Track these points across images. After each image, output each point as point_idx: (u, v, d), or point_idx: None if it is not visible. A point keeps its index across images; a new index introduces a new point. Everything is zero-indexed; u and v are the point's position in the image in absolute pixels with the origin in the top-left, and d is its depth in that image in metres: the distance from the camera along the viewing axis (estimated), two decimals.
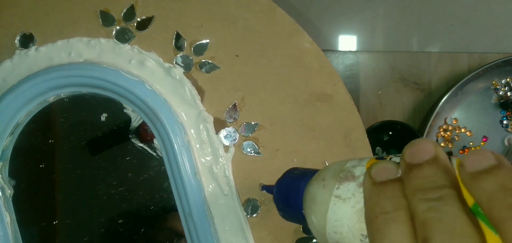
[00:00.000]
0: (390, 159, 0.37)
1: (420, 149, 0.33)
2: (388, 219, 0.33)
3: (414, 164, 0.33)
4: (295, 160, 0.68)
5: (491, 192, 0.29)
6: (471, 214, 0.30)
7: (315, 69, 0.69)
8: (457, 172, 0.32)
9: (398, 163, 0.36)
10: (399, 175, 0.35)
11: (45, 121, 0.70)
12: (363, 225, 0.36)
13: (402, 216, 0.32)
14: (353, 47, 1.12)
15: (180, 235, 0.68)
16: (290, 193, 0.51)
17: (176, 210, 0.66)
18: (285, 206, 0.54)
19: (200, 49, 0.69)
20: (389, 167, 0.36)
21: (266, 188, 0.64)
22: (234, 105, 0.69)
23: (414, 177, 0.33)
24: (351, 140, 0.69)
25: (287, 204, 0.53)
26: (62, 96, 0.68)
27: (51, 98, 0.67)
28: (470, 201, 0.31)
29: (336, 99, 0.69)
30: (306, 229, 0.67)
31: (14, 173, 0.69)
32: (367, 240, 0.37)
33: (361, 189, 0.37)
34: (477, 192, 0.30)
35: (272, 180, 0.66)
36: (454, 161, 0.33)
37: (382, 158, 0.38)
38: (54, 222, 0.71)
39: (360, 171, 0.39)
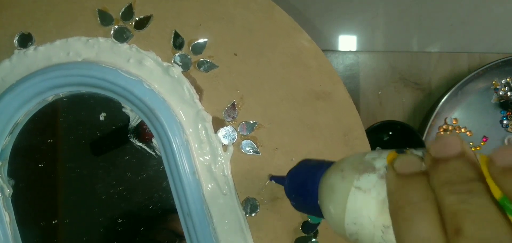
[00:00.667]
0: (411, 153, 0.38)
1: (447, 144, 0.34)
2: (416, 210, 0.33)
3: (441, 158, 0.34)
4: (294, 159, 0.69)
5: None
6: (499, 206, 0.31)
7: (314, 67, 0.70)
8: (482, 167, 0.33)
9: (421, 156, 0.37)
10: (423, 169, 0.36)
11: (44, 121, 0.71)
12: (385, 216, 0.37)
13: (430, 207, 0.33)
14: (353, 47, 1.12)
15: (181, 236, 0.69)
16: (305, 183, 0.52)
17: (176, 211, 0.67)
18: (298, 196, 0.55)
19: (198, 48, 0.70)
20: (414, 160, 0.36)
21: (276, 178, 0.65)
22: (233, 104, 0.69)
23: (442, 170, 0.33)
24: (350, 139, 0.70)
25: (302, 194, 0.54)
26: (61, 96, 0.69)
27: (50, 97, 0.68)
28: (497, 194, 0.31)
29: (335, 98, 0.70)
30: (306, 228, 0.67)
31: (13, 172, 0.70)
32: (388, 230, 0.37)
33: (382, 181, 0.38)
34: (508, 186, 0.31)
35: None
36: (478, 156, 0.34)
37: (402, 152, 0.39)
38: (54, 222, 0.71)
39: (380, 163, 0.39)
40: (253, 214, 0.68)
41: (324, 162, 0.51)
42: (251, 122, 0.69)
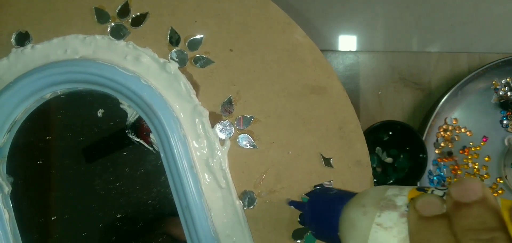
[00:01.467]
0: (432, 192, 0.39)
1: (469, 188, 0.35)
2: None
3: (462, 202, 0.35)
4: (290, 152, 0.71)
5: None
6: None
7: (308, 62, 0.72)
8: (503, 212, 0.34)
9: (442, 197, 0.38)
10: (444, 211, 0.36)
11: (42, 118, 0.73)
12: None
13: None
14: (353, 47, 1.14)
15: (177, 241, 0.71)
16: (326, 214, 0.53)
17: (172, 214, 0.69)
18: (319, 226, 0.56)
19: (194, 44, 0.72)
20: (436, 202, 0.37)
21: (295, 204, 0.67)
22: (229, 99, 0.72)
23: (463, 216, 0.34)
24: (345, 132, 0.72)
25: (322, 224, 0.55)
26: (59, 93, 0.71)
27: (48, 95, 0.70)
28: None
29: (330, 92, 0.72)
30: (302, 220, 0.69)
31: (12, 170, 0.72)
32: None
33: (403, 219, 0.39)
34: None
35: (267, 172, 0.69)
36: (499, 200, 0.35)
37: (423, 190, 0.40)
38: (53, 218, 0.73)
39: (401, 201, 0.41)
40: (251, 207, 0.70)
41: (345, 194, 0.53)
42: (248, 116, 0.71)
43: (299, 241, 0.70)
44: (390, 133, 1.04)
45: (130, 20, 0.72)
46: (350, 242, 0.45)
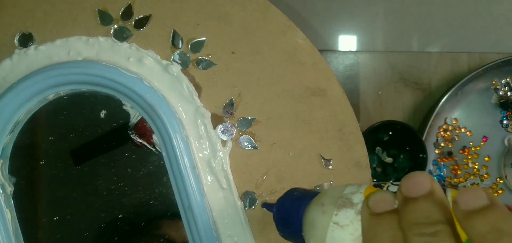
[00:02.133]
0: (388, 188, 0.40)
1: (417, 182, 0.36)
2: None
3: (410, 197, 0.36)
4: (291, 153, 0.73)
5: (483, 232, 0.31)
6: None
7: (309, 64, 0.74)
8: (452, 206, 0.35)
9: (395, 193, 0.38)
10: (396, 207, 0.37)
11: (45, 119, 0.74)
12: None
13: None
14: (353, 47, 1.14)
15: None
16: (290, 215, 0.55)
17: (171, 217, 0.71)
18: (284, 227, 0.58)
19: (196, 47, 0.74)
20: (387, 198, 0.38)
21: (267, 206, 0.68)
22: (231, 101, 0.74)
23: (409, 211, 0.35)
24: (345, 134, 0.73)
25: (287, 225, 0.57)
26: (62, 94, 0.73)
27: (50, 96, 0.72)
28: (463, 236, 0.33)
29: (330, 94, 0.74)
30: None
31: (14, 170, 0.73)
32: None
33: (359, 217, 0.40)
34: (470, 230, 0.33)
35: (268, 173, 0.71)
36: (449, 193, 0.36)
37: (379, 186, 0.41)
38: (55, 219, 0.75)
39: (358, 198, 0.42)
40: (252, 207, 0.72)
41: (308, 193, 0.54)
42: (249, 118, 0.73)
43: None
44: (390, 133, 1.05)
45: (133, 23, 0.74)
46: (311, 241, 0.47)
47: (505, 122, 1.06)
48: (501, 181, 1.06)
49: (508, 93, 1.07)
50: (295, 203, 0.54)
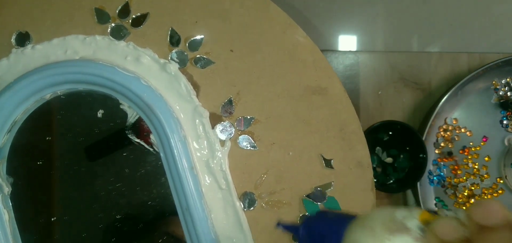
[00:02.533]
0: (445, 214, 0.39)
1: (491, 210, 0.34)
2: None
3: (486, 226, 0.34)
4: (291, 153, 0.72)
5: None
6: None
7: (309, 63, 0.73)
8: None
9: (458, 218, 0.37)
10: (466, 235, 0.36)
11: (42, 118, 0.73)
12: None
13: None
14: (353, 47, 1.13)
15: (179, 240, 0.71)
16: (324, 238, 0.53)
17: (173, 213, 0.70)
18: None
19: (195, 45, 0.73)
20: (456, 225, 0.36)
21: (285, 226, 0.63)
22: (230, 100, 0.72)
23: (488, 240, 0.34)
24: (346, 133, 0.72)
25: None
26: (59, 93, 0.72)
27: (48, 95, 0.71)
28: None
29: (331, 93, 0.73)
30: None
31: (12, 170, 0.72)
32: None
33: None
34: None
35: (268, 173, 0.70)
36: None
37: (434, 212, 0.40)
38: (52, 219, 0.74)
39: (412, 223, 0.40)
40: (251, 208, 0.71)
41: (345, 216, 0.53)
42: (248, 117, 0.72)
43: None
44: (390, 133, 1.04)
45: (130, 21, 0.73)
46: None
47: (505, 122, 1.05)
48: (501, 181, 1.05)
49: (508, 93, 1.06)
50: (333, 226, 0.52)
